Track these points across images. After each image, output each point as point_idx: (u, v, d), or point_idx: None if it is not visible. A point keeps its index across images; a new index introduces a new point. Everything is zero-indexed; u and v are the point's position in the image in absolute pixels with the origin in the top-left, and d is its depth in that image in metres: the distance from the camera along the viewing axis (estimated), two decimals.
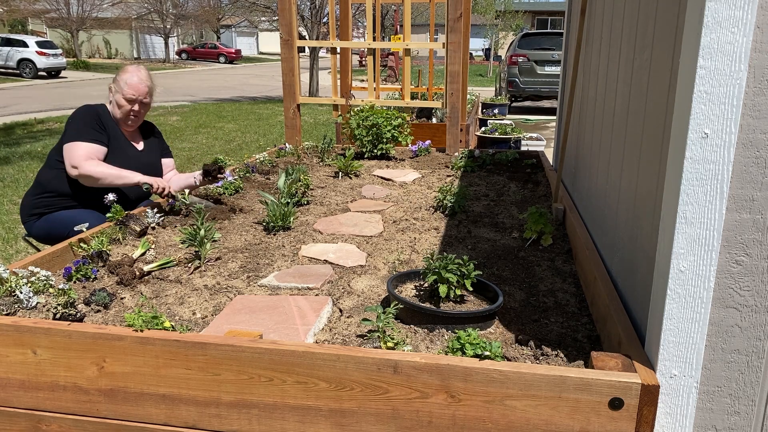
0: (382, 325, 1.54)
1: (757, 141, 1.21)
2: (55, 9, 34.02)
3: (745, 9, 1.13)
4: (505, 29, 28.35)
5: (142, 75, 2.98)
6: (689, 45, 1.21)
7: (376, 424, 1.38)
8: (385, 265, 2.20)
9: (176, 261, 2.19)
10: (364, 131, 4.21)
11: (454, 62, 4.31)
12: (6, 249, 4.97)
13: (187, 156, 9.14)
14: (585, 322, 1.76)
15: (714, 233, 1.24)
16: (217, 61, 41.93)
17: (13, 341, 1.52)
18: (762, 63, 1.17)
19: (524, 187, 3.39)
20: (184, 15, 39.36)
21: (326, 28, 18.42)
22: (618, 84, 2.08)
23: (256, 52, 55.72)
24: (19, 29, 36.28)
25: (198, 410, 1.47)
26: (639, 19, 1.82)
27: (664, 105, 1.47)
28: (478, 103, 9.80)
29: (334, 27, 5.01)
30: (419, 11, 26.02)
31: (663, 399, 1.31)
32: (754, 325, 1.29)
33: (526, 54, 14.11)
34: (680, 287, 1.27)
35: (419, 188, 3.40)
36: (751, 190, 1.23)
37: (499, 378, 1.29)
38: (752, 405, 1.34)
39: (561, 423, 1.29)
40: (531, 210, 2.47)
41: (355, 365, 1.35)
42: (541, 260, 2.24)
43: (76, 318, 1.65)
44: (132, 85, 2.92)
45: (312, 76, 19.25)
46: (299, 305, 1.82)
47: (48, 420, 1.56)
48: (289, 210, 2.60)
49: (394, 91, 7.81)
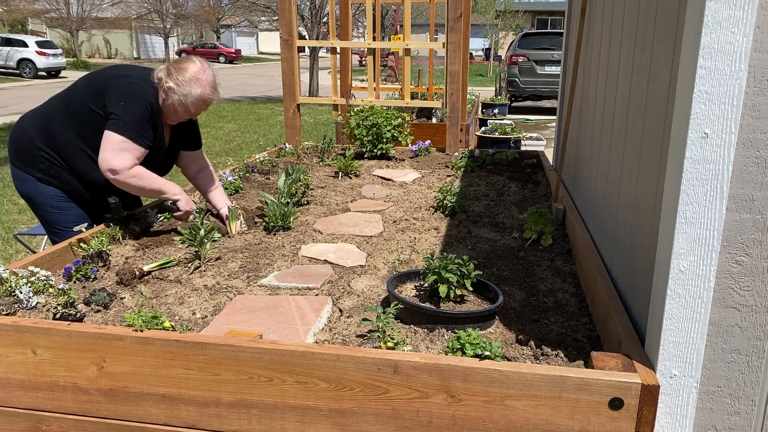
0: (382, 325, 1.54)
1: (757, 141, 1.21)
2: (55, 9, 34.00)
3: (745, 9, 1.13)
4: (505, 29, 28.34)
5: (210, 91, 2.47)
6: (689, 45, 1.21)
7: (376, 424, 1.38)
8: (385, 265, 2.20)
9: (176, 261, 2.19)
10: (364, 131, 4.21)
11: (454, 62, 4.31)
12: (6, 249, 4.97)
13: None
14: (585, 322, 1.76)
15: (714, 233, 1.24)
16: (217, 61, 41.91)
17: (13, 341, 1.52)
18: (762, 63, 1.17)
19: (524, 187, 3.39)
20: (184, 15, 39.35)
21: (326, 28, 18.42)
22: (618, 84, 2.08)
23: (256, 52, 55.71)
24: (19, 29, 36.29)
25: (198, 410, 1.47)
26: (639, 18, 1.82)
27: (664, 105, 1.47)
28: (478, 103, 9.80)
29: (334, 27, 5.01)
30: (419, 11, 26.01)
31: (663, 399, 1.31)
32: (754, 325, 1.29)
33: (526, 54, 14.11)
34: (680, 287, 1.27)
35: (419, 188, 3.40)
36: (751, 190, 1.23)
37: (499, 378, 1.29)
38: (752, 405, 1.34)
39: (561, 423, 1.29)
40: (531, 210, 2.47)
41: (355, 365, 1.35)
42: (541, 260, 2.24)
43: (76, 318, 1.65)
44: (202, 102, 2.46)
45: (312, 76, 19.25)
46: (299, 305, 1.82)
47: (48, 420, 1.56)
48: (289, 210, 2.60)
49: (394, 91, 7.81)
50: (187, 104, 2.42)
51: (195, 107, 2.46)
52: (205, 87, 2.43)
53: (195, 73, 2.42)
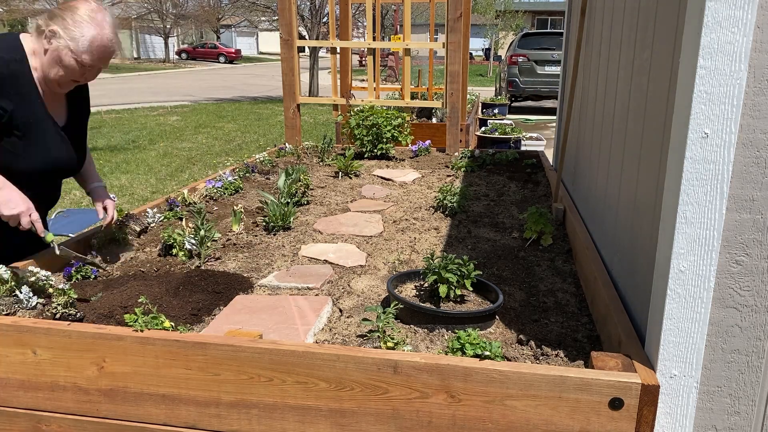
0: (382, 325, 1.54)
1: (757, 141, 1.21)
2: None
3: (745, 9, 1.13)
4: (505, 29, 28.35)
5: (110, 33, 1.88)
6: (689, 45, 1.21)
7: (376, 424, 1.38)
8: (385, 265, 2.20)
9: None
10: (364, 131, 4.21)
11: (454, 62, 4.31)
12: None
13: (186, 156, 9.14)
14: (585, 322, 1.76)
15: (714, 233, 1.24)
16: (217, 61, 41.93)
17: (13, 341, 1.52)
18: (762, 63, 1.17)
19: (524, 187, 3.39)
20: (184, 15, 39.35)
21: (326, 28, 18.42)
22: (618, 84, 2.08)
23: (256, 52, 55.72)
24: (19, 29, 36.30)
25: (198, 410, 1.47)
26: (639, 18, 1.82)
27: (664, 105, 1.47)
28: (478, 103, 9.81)
29: (334, 27, 5.01)
30: (419, 11, 26.00)
31: (663, 399, 1.31)
32: (754, 325, 1.29)
33: (526, 54, 14.11)
34: (680, 287, 1.27)
35: (419, 188, 3.40)
36: (751, 190, 1.23)
37: (499, 378, 1.29)
38: (752, 405, 1.34)
39: (561, 423, 1.29)
40: (531, 210, 2.47)
41: (355, 365, 1.35)
42: (541, 260, 2.24)
43: (76, 318, 1.65)
44: (98, 48, 1.84)
45: (312, 76, 19.25)
46: (299, 305, 1.82)
47: (48, 420, 1.56)
48: (289, 210, 2.60)
49: (394, 91, 7.81)
50: (78, 51, 1.80)
51: (90, 55, 1.82)
52: (102, 28, 1.83)
53: (89, 12, 1.84)
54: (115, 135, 10.92)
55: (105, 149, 9.62)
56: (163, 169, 8.23)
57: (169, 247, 2.25)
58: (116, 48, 1.89)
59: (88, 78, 1.93)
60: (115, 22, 1.90)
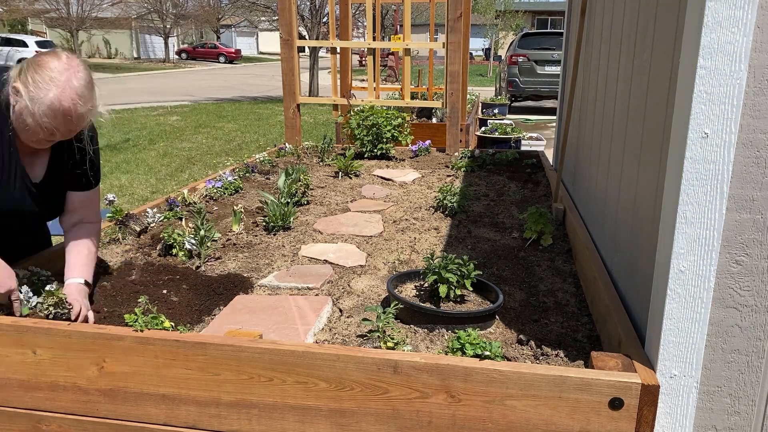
0: (382, 325, 1.54)
1: (757, 141, 1.21)
2: (55, 9, 33.99)
3: (745, 9, 1.13)
4: (505, 29, 28.33)
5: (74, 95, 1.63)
6: (689, 45, 1.21)
7: (376, 424, 1.38)
8: (385, 265, 2.20)
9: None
10: (364, 131, 4.21)
11: (454, 62, 4.31)
12: None
13: (186, 156, 9.14)
14: (585, 322, 1.76)
15: (714, 233, 1.24)
16: (217, 61, 41.91)
17: (13, 341, 1.52)
18: (762, 63, 1.17)
19: (524, 187, 3.39)
20: (184, 15, 39.35)
21: (326, 28, 18.42)
22: (618, 84, 2.08)
23: (256, 52, 55.71)
24: (19, 29, 36.27)
25: (198, 410, 1.47)
26: (639, 18, 1.82)
27: (664, 105, 1.47)
28: (478, 103, 9.80)
29: (334, 27, 5.01)
30: (419, 11, 26.00)
31: (663, 399, 1.31)
32: (754, 325, 1.29)
33: (526, 54, 14.10)
34: (680, 287, 1.27)
35: (419, 188, 3.40)
36: (751, 190, 1.23)
37: (499, 378, 1.29)
38: (752, 405, 1.34)
39: (561, 423, 1.29)
40: (531, 210, 2.47)
41: (355, 365, 1.35)
42: (541, 260, 2.24)
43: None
44: (58, 111, 1.62)
45: (312, 76, 19.24)
46: (299, 305, 1.82)
47: (48, 420, 1.56)
48: (289, 210, 2.60)
49: (394, 91, 7.81)
50: (36, 114, 1.60)
51: (49, 119, 1.61)
52: (63, 90, 1.61)
53: (55, 71, 1.62)
54: (115, 135, 10.92)
55: (105, 149, 9.61)
56: (163, 169, 8.23)
57: (169, 247, 2.25)
58: (83, 109, 1.65)
59: (61, 136, 1.71)
60: (88, 78, 1.68)
